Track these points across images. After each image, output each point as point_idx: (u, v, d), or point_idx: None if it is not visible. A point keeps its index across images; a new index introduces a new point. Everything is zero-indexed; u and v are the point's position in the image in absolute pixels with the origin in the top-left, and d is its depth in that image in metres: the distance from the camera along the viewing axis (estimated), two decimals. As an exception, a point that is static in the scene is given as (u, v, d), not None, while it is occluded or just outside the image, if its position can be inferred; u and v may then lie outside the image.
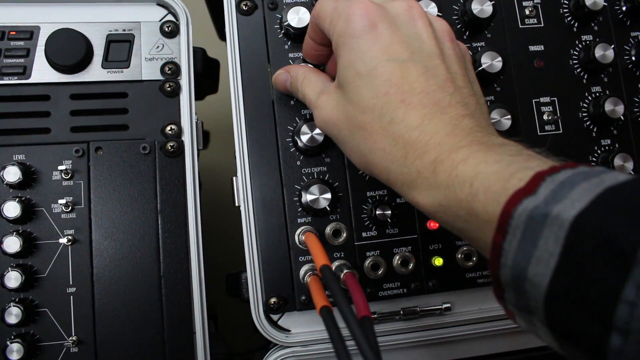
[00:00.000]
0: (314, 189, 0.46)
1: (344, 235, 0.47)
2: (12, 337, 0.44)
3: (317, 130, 0.46)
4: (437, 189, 0.33)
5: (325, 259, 0.38)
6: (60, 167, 0.47)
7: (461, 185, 0.31)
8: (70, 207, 0.47)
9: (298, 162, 0.48)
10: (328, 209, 0.46)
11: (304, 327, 0.48)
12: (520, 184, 0.29)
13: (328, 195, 0.46)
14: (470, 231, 0.32)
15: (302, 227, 0.47)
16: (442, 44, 0.39)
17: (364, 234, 0.48)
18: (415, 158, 0.34)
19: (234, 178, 0.49)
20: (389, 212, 0.47)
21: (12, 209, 0.45)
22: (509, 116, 0.49)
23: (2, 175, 0.45)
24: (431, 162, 0.33)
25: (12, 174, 0.45)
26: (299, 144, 0.47)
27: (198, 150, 0.50)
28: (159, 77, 0.50)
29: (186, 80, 0.50)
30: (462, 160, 0.32)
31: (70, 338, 0.45)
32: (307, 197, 0.46)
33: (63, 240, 0.46)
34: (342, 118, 0.39)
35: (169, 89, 0.50)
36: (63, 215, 0.47)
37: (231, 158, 0.49)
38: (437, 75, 0.37)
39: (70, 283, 0.46)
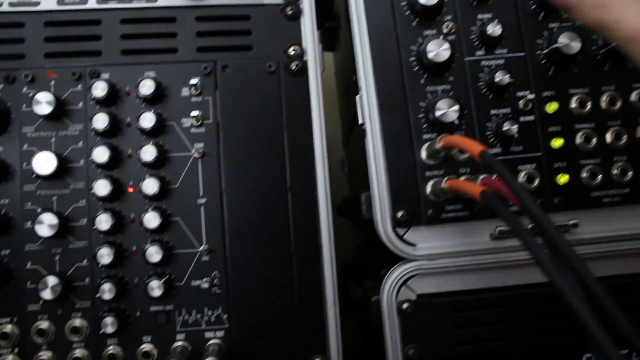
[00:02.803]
0: (442, 103, 0.46)
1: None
2: (150, 242, 0.45)
3: (445, 46, 0.47)
4: None
5: (481, 145, 0.38)
6: (190, 82, 0.48)
7: None
8: (199, 122, 0.48)
9: (422, 81, 0.48)
10: (456, 122, 0.46)
11: (429, 242, 0.48)
12: None
13: (456, 107, 0.46)
14: None
15: (427, 143, 0.47)
16: None
17: (488, 152, 0.48)
18: None
19: (357, 97, 0.49)
20: (516, 126, 0.47)
21: (148, 121, 0.46)
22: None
23: (138, 87, 0.47)
24: None
25: (147, 86, 0.47)
26: (425, 60, 0.47)
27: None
28: (280, 0, 0.51)
29: (308, 4, 0.51)
30: None
31: (202, 246, 0.46)
32: (436, 112, 0.46)
33: (193, 153, 0.47)
34: None
35: (290, 12, 0.51)
36: (192, 130, 0.48)
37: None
38: None
39: (201, 194, 0.47)
